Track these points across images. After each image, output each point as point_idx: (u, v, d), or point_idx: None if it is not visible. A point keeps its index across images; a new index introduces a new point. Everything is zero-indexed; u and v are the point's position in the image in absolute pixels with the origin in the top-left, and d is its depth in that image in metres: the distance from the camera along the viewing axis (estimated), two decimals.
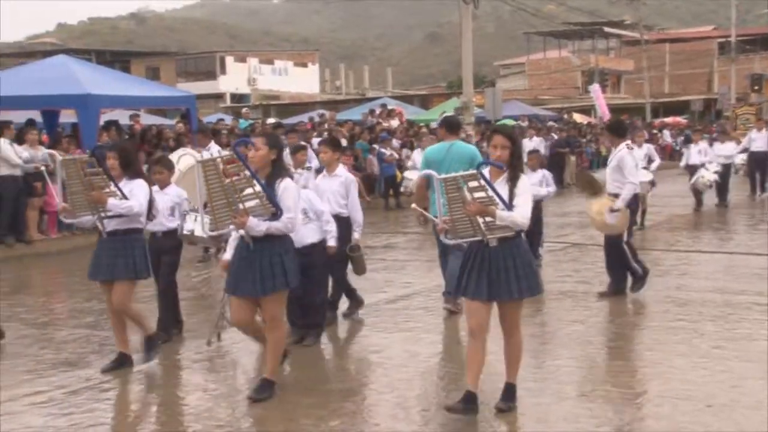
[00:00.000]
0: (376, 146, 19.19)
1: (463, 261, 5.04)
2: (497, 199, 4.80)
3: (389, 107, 26.33)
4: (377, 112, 24.94)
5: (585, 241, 11.98)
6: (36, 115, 15.58)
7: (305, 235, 6.54)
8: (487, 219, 4.81)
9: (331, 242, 6.81)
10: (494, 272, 4.87)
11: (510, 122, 24.44)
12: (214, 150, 12.52)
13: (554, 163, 20.44)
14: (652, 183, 12.64)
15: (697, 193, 15.90)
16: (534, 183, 9.37)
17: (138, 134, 16.18)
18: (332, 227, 6.79)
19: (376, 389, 5.71)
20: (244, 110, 29.30)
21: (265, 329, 5.48)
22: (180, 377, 6.24)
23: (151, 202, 6.13)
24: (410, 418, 5.08)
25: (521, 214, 4.83)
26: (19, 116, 15.17)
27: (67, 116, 16.38)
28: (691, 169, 16.13)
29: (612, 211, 8.08)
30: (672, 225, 14.41)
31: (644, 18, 48.84)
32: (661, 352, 6.34)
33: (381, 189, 18.92)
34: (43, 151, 12.62)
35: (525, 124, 26.06)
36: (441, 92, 46.01)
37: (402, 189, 18.06)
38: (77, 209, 6.03)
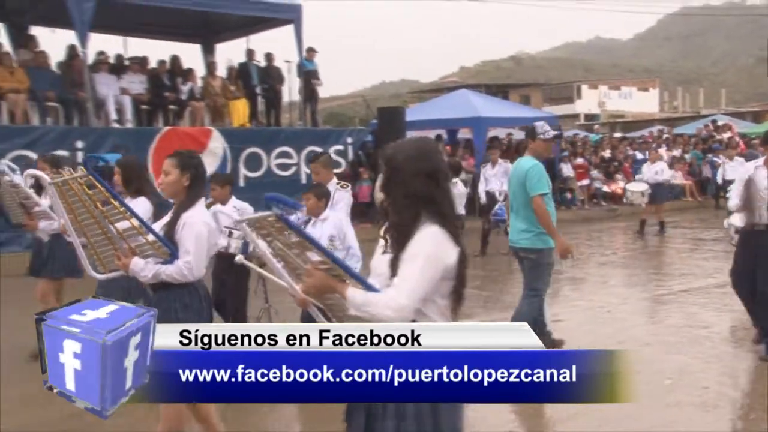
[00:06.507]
0: (709, 155, 17.60)
1: None
2: (341, 266, 2.02)
3: (720, 123, 23.36)
4: (711, 127, 22.37)
5: None
6: (443, 133, 17.06)
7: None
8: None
9: None
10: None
11: None
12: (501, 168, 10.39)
13: None
14: None
15: None
16: None
17: (513, 146, 16.59)
18: (357, 264, 4.51)
19: (704, 358, 5.10)
20: (595, 126, 28.33)
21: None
22: None
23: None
24: (737, 384, 4.48)
25: (393, 300, 1.90)
26: (430, 134, 16.60)
27: (463, 133, 17.50)
28: None
29: None
30: None
31: None
32: None
33: (712, 191, 17.16)
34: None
35: None
36: None
37: (624, 200, 14.05)
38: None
